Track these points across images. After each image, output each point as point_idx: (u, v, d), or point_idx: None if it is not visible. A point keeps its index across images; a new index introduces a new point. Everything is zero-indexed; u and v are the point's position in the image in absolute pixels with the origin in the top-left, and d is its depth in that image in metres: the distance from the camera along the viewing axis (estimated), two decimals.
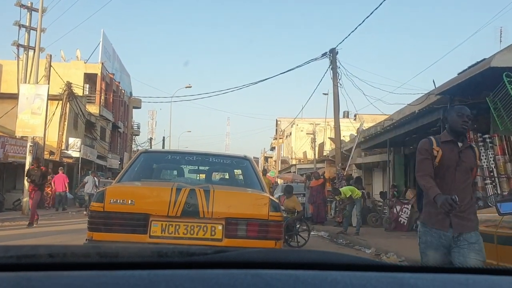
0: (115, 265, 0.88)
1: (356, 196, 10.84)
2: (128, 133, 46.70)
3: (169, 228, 3.54)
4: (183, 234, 3.54)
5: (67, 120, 26.11)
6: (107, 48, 40.15)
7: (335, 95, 16.62)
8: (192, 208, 3.57)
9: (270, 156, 59.93)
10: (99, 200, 3.61)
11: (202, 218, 3.56)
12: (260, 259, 0.96)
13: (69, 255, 0.94)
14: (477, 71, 8.54)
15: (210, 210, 3.57)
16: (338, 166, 16.25)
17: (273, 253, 1.10)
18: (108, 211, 3.54)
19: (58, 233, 9.99)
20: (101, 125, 34.34)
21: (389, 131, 14.08)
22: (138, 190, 3.99)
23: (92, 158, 28.77)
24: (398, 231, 11.86)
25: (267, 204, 3.68)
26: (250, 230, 3.61)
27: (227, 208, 3.64)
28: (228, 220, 3.58)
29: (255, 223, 3.63)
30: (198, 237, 3.55)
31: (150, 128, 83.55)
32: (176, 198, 3.58)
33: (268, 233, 3.63)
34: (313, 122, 28.60)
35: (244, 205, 3.79)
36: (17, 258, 0.88)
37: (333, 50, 16.76)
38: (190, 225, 3.56)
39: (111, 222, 3.54)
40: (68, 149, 26.41)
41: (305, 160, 32.68)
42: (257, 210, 3.67)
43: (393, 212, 12.46)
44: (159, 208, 3.56)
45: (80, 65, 35.80)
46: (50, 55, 20.71)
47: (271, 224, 3.64)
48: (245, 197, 4.02)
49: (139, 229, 3.52)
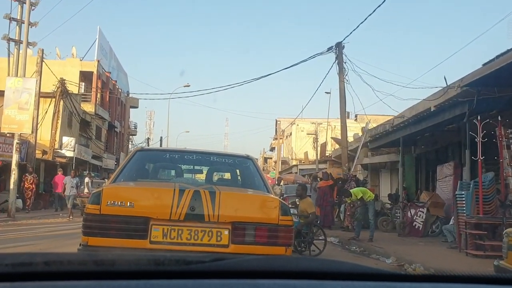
0: (112, 273, 0.89)
1: (368, 198, 9.95)
2: (125, 133, 45.75)
3: (171, 233, 3.27)
4: (186, 240, 3.26)
5: (60, 118, 25.20)
6: (103, 45, 39.20)
7: (341, 91, 15.75)
8: (196, 211, 3.27)
9: (270, 157, 59.04)
10: (95, 202, 3.29)
11: (207, 222, 3.28)
12: (258, 268, 0.96)
13: (66, 263, 0.94)
14: (506, 62, 7.67)
15: (216, 214, 3.27)
16: (344, 167, 15.37)
17: (272, 262, 1.05)
18: (105, 214, 3.24)
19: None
20: (97, 124, 33.39)
21: (401, 129, 13.20)
22: (138, 191, 3.70)
23: (87, 158, 27.83)
24: (413, 237, 10.98)
25: (277, 207, 3.40)
26: (258, 235, 3.33)
27: (234, 211, 3.37)
28: (235, 225, 3.30)
29: (264, 228, 3.34)
30: (202, 243, 3.27)
31: (148, 129, 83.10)
32: (179, 200, 3.27)
33: (278, 239, 3.35)
34: (315, 122, 27.74)
35: (252, 208, 3.52)
36: (12, 266, 0.89)
37: (339, 44, 15.90)
38: (194, 229, 3.27)
39: (108, 226, 3.25)
40: (61, 148, 25.48)
41: (306, 160, 31.80)
42: (267, 214, 3.41)
43: (407, 215, 11.57)
44: (161, 211, 3.27)
45: (75, 63, 34.93)
46: (42, 49, 19.79)
47: (281, 229, 3.36)
48: (253, 200, 3.77)
49: (139, 234, 3.24)
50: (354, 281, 0.91)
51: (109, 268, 0.91)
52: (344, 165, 15.40)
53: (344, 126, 15.67)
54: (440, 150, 13.81)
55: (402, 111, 14.04)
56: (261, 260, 1.09)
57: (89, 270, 0.90)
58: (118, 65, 44.82)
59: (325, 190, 12.95)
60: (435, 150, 14.14)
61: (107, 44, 40.52)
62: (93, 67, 34.82)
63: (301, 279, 0.88)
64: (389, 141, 14.73)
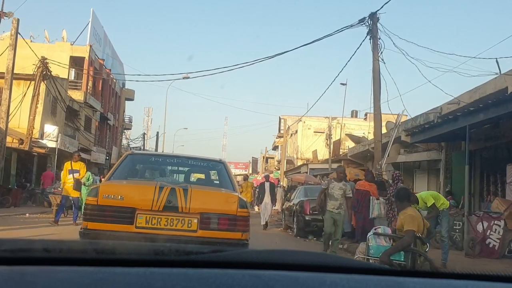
0: (112, 261, 0.89)
1: (442, 207, 7.06)
2: (119, 126, 42.75)
3: (152, 220, 4.11)
4: (164, 226, 4.11)
5: (42, 104, 22.27)
6: (97, 30, 36.23)
7: (376, 72, 12.86)
8: (172, 204, 4.13)
9: (271, 157, 56.06)
10: (93, 195, 4.21)
11: (180, 212, 4.13)
12: (257, 260, 0.96)
13: (66, 251, 0.93)
14: None
15: (188, 206, 4.13)
16: (378, 165, 12.46)
17: (271, 254, 1.08)
18: (101, 204, 4.12)
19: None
20: (86, 114, 30.41)
21: (453, 121, 10.30)
22: (127, 187, 4.51)
23: (72, 150, 24.81)
24: (486, 258, 8.11)
25: (236, 202, 4.28)
26: (221, 223, 4.19)
27: (202, 204, 4.23)
28: (203, 215, 4.16)
29: (225, 217, 4.21)
30: (176, 228, 4.12)
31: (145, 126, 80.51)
32: (159, 195, 4.13)
33: (236, 226, 4.21)
34: (329, 117, 24.79)
35: (216, 202, 4.37)
36: (11, 252, 0.88)
37: (373, 15, 13.01)
38: (170, 218, 4.14)
39: (103, 214, 4.11)
40: (43, 138, 22.51)
41: (315, 159, 28.88)
42: (227, 207, 4.26)
43: (476, 230, 8.67)
44: (144, 203, 4.13)
45: (65, 47, 31.95)
46: (17, 19, 16.87)
47: (239, 219, 4.22)
48: (217, 196, 4.60)
49: (127, 220, 4.08)
50: (353, 274, 0.92)
51: (110, 256, 0.92)
52: (377, 163, 12.48)
53: (378, 114, 12.77)
54: (504, 145, 10.88)
55: (457, 96, 11.12)
56: (260, 253, 1.08)
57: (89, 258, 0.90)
58: (113, 53, 41.79)
59: (366, 195, 9.99)
60: (495, 146, 11.22)
61: (101, 29, 37.53)
62: (85, 52, 31.86)
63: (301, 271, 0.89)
64: (435, 136, 11.80)
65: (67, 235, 8.40)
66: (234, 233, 4.14)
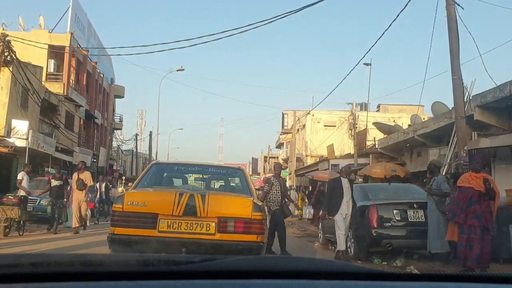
0: (100, 275, 0.86)
1: None
2: (108, 126, 38.79)
3: (173, 225, 4.44)
4: (184, 230, 4.44)
5: (8, 94, 18.37)
6: (79, 17, 32.35)
7: (452, 22, 9.10)
8: (191, 209, 4.45)
9: (274, 156, 52.18)
10: (119, 202, 4.58)
11: (199, 217, 4.45)
12: (248, 268, 0.93)
13: (53, 265, 0.90)
14: None
15: (206, 211, 4.46)
16: (462, 151, 8.67)
17: (261, 261, 1.06)
18: (126, 211, 4.48)
19: None
20: (68, 109, 26.48)
21: None
22: (149, 195, 4.99)
23: (48, 150, 20.89)
24: None
25: (250, 206, 4.55)
26: (237, 226, 4.47)
27: (219, 209, 4.53)
28: (220, 219, 4.46)
29: (241, 221, 4.48)
30: (196, 231, 4.44)
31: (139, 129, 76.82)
32: (179, 201, 4.46)
33: (251, 229, 4.48)
34: (353, 102, 20.94)
35: (232, 207, 4.66)
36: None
37: None
38: (190, 222, 4.46)
39: (128, 219, 4.47)
40: (10, 135, 18.57)
41: (332, 155, 25.09)
42: (242, 211, 4.54)
43: None
44: (165, 209, 4.47)
45: (43, 35, 27.77)
46: None
47: (254, 222, 4.49)
48: (233, 201, 4.93)
49: (150, 225, 4.41)
50: (344, 280, 0.89)
51: (98, 269, 0.89)
52: (461, 149, 8.68)
53: (459, 78, 8.96)
54: None
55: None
56: (250, 260, 1.07)
57: (77, 271, 0.87)
58: (99, 45, 37.80)
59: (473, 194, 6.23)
60: None
61: (84, 16, 33.64)
62: (65, 41, 27.91)
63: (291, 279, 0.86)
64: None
65: None
66: (250, 235, 4.44)
